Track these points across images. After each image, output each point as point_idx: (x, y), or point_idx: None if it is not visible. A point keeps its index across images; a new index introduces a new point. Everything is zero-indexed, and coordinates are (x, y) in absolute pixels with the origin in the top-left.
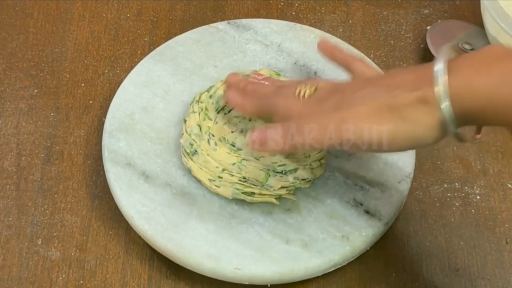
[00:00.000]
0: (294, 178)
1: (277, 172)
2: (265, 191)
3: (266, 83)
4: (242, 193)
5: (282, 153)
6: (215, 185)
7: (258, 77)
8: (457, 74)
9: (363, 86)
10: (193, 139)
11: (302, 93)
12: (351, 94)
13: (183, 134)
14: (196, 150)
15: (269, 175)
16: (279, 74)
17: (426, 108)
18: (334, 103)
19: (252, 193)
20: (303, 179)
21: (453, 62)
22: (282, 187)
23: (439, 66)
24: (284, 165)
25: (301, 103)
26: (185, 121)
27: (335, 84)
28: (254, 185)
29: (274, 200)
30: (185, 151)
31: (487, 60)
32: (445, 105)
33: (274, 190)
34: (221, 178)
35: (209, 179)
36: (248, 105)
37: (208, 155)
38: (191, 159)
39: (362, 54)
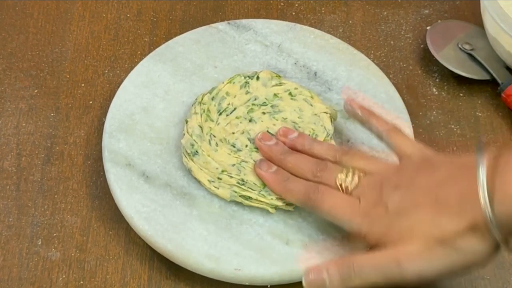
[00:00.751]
0: None
1: None
2: (262, 197)
3: (301, 160)
4: (240, 196)
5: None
6: (214, 186)
7: (290, 136)
8: (502, 193)
9: (405, 197)
10: (194, 140)
11: (344, 186)
12: (394, 211)
13: (184, 134)
14: (197, 151)
15: None
16: (279, 76)
17: (478, 235)
18: (381, 224)
19: (249, 198)
20: None
21: (495, 172)
22: (280, 198)
23: (481, 184)
24: None
25: (347, 207)
26: (186, 121)
27: (375, 179)
28: (252, 189)
29: (270, 209)
30: (186, 151)
31: None
32: (495, 230)
33: (271, 199)
34: (220, 179)
35: (208, 180)
36: (289, 197)
37: (208, 155)
38: (192, 159)
39: (395, 124)
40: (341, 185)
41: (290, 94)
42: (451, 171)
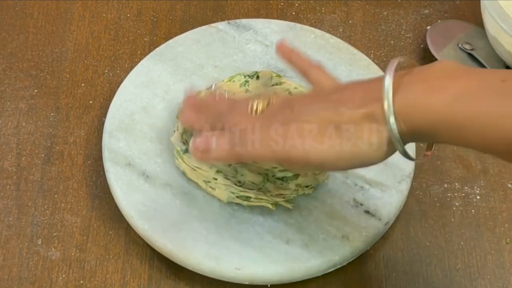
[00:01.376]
0: (296, 185)
1: (277, 178)
2: (262, 195)
3: (221, 100)
4: (237, 197)
5: (226, 163)
6: (211, 187)
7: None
8: (407, 91)
9: (313, 101)
10: (185, 139)
11: (255, 108)
12: (299, 108)
13: (174, 131)
14: (187, 149)
15: (267, 180)
16: (279, 75)
17: (373, 126)
18: (282, 118)
19: (248, 197)
20: (306, 186)
21: (403, 78)
22: (280, 194)
23: (386, 82)
24: (284, 170)
25: (253, 118)
26: (177, 117)
27: (287, 98)
28: (250, 189)
29: (270, 206)
30: (177, 150)
31: (439, 77)
32: (392, 123)
33: (271, 195)
34: (216, 180)
35: (204, 181)
36: (202, 122)
37: None
38: (183, 160)
39: (319, 62)
40: (252, 108)
41: (289, 93)
42: (362, 82)
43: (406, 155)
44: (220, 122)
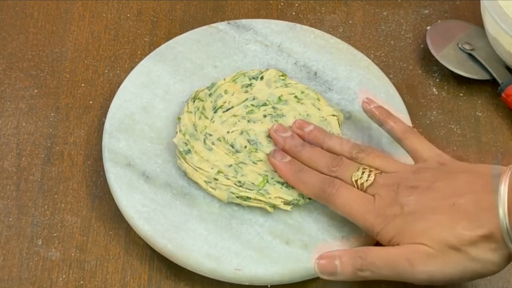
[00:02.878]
0: (299, 194)
1: (277, 181)
2: (261, 196)
3: (317, 154)
4: (237, 197)
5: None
6: (211, 187)
7: (305, 129)
8: None
9: (422, 201)
10: (187, 139)
11: (359, 183)
12: (409, 213)
13: (177, 133)
14: (189, 150)
15: (267, 181)
16: (285, 75)
17: (492, 245)
18: (395, 223)
19: (248, 198)
20: (309, 198)
21: None
22: (279, 197)
23: (502, 199)
24: None
25: (360, 204)
26: (179, 119)
27: (391, 179)
28: (250, 189)
29: (268, 208)
30: (179, 150)
31: None
32: (510, 242)
33: (269, 197)
34: (217, 180)
35: (205, 181)
36: (302, 188)
37: (202, 157)
38: (185, 159)
39: (409, 123)
40: (356, 181)
41: (296, 97)
42: (470, 179)
43: None
44: (323, 194)
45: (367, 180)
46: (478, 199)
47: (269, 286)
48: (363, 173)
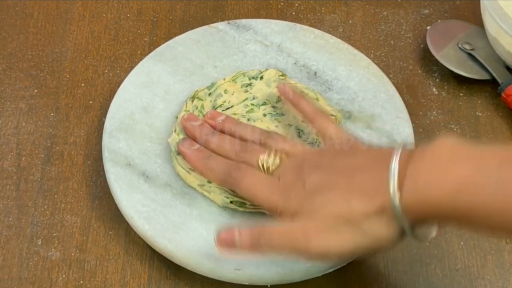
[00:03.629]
0: None
1: None
2: None
3: (225, 140)
4: (232, 202)
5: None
6: (206, 191)
7: (217, 119)
8: (411, 184)
9: (323, 178)
10: (181, 140)
11: (265, 166)
12: (310, 191)
13: (172, 132)
14: None
15: None
16: (285, 75)
17: (384, 219)
18: (296, 199)
19: (243, 204)
20: None
21: (406, 168)
22: None
23: (392, 174)
24: None
25: (264, 186)
26: (177, 117)
27: (297, 161)
28: None
29: (267, 212)
30: (172, 151)
31: (440, 163)
32: (401, 217)
33: None
34: (210, 183)
35: (198, 185)
36: (209, 174)
37: None
38: (177, 161)
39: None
40: (263, 165)
41: None
42: (369, 158)
43: (417, 238)
44: (230, 179)
45: (273, 164)
46: (375, 175)
47: (269, 286)
48: (269, 156)
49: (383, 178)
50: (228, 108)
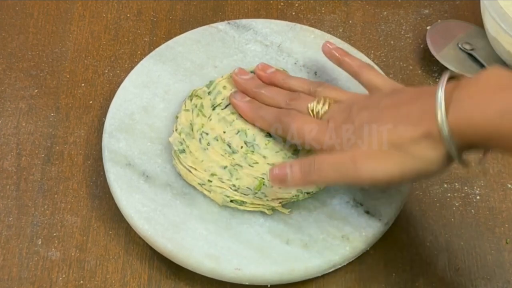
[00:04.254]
0: (297, 190)
1: None
2: (258, 200)
3: (275, 91)
4: (232, 201)
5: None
6: (206, 190)
7: (267, 71)
8: (457, 108)
9: (372, 113)
10: (182, 139)
11: (315, 112)
12: (359, 126)
13: (173, 131)
14: (184, 150)
15: (264, 184)
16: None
17: (431, 143)
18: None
19: (243, 202)
20: (307, 192)
21: (452, 93)
22: (276, 199)
23: (439, 100)
24: None
25: (315, 126)
26: (177, 117)
27: (345, 104)
28: (245, 194)
29: (266, 211)
30: (174, 150)
31: (486, 90)
32: (448, 141)
33: (267, 200)
34: (211, 182)
35: (199, 183)
36: (261, 122)
37: (196, 157)
38: (179, 160)
39: (369, 60)
40: (312, 110)
41: None
42: (415, 94)
43: (464, 163)
44: (280, 124)
45: (322, 109)
46: (420, 105)
47: (269, 286)
48: (318, 102)
49: (429, 106)
50: (227, 105)
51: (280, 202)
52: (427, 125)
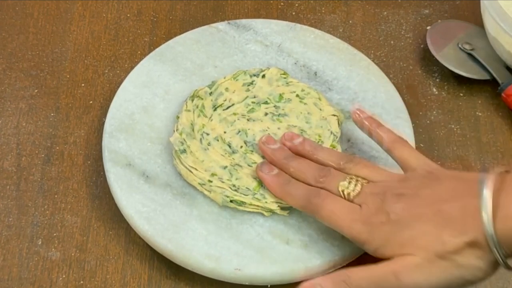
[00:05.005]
0: None
1: None
2: (257, 201)
3: (304, 166)
4: (231, 201)
5: None
6: (206, 190)
7: (295, 141)
8: (506, 215)
9: (409, 207)
10: (183, 139)
11: (345, 192)
12: (396, 218)
13: (174, 131)
14: (184, 150)
15: (262, 185)
16: (287, 74)
17: (478, 252)
18: (382, 233)
19: (243, 203)
20: None
21: (499, 196)
22: (275, 201)
23: (484, 203)
24: None
25: (346, 211)
26: (177, 117)
27: (379, 188)
28: (245, 194)
29: (265, 213)
30: (175, 150)
31: None
32: (496, 249)
33: (266, 202)
34: (211, 182)
35: (199, 183)
36: (289, 200)
37: (197, 157)
38: (180, 160)
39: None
40: (343, 191)
41: (297, 96)
42: (456, 186)
43: (510, 269)
44: (309, 205)
45: (353, 190)
46: (463, 204)
47: (269, 286)
48: (349, 182)
49: (474, 207)
50: (229, 107)
51: (278, 205)
52: (472, 232)
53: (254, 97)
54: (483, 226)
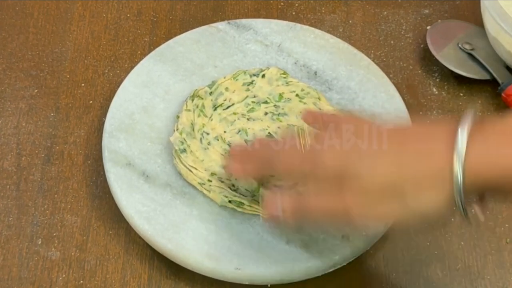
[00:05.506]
0: None
1: (274, 186)
2: (255, 203)
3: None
4: (230, 201)
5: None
6: (206, 189)
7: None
8: (479, 152)
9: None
10: (183, 138)
11: (302, 144)
12: (354, 153)
13: (174, 131)
14: (184, 149)
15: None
16: (287, 74)
17: (438, 187)
18: (337, 167)
19: (241, 203)
20: None
21: (475, 135)
22: None
23: (460, 144)
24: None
25: (301, 155)
26: (178, 117)
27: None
28: (244, 195)
29: (262, 215)
30: (175, 149)
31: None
32: (459, 183)
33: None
34: (211, 182)
35: (199, 183)
36: (249, 168)
37: (197, 157)
38: (180, 159)
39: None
40: (300, 146)
41: (297, 95)
42: (426, 128)
43: (466, 218)
44: (269, 167)
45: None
46: (431, 144)
47: (269, 285)
48: (304, 139)
49: (441, 144)
50: (229, 106)
51: None
52: (438, 163)
53: (254, 96)
54: (450, 157)
